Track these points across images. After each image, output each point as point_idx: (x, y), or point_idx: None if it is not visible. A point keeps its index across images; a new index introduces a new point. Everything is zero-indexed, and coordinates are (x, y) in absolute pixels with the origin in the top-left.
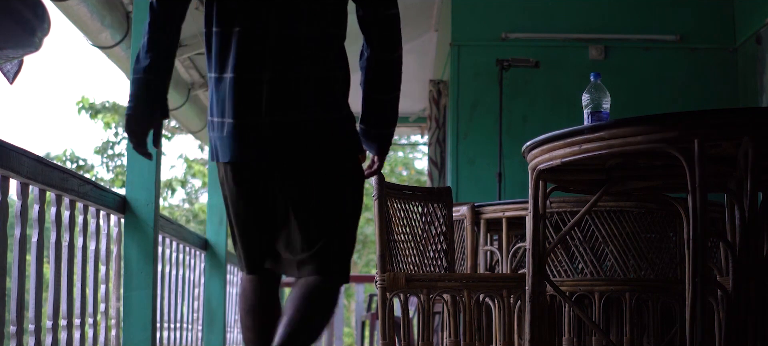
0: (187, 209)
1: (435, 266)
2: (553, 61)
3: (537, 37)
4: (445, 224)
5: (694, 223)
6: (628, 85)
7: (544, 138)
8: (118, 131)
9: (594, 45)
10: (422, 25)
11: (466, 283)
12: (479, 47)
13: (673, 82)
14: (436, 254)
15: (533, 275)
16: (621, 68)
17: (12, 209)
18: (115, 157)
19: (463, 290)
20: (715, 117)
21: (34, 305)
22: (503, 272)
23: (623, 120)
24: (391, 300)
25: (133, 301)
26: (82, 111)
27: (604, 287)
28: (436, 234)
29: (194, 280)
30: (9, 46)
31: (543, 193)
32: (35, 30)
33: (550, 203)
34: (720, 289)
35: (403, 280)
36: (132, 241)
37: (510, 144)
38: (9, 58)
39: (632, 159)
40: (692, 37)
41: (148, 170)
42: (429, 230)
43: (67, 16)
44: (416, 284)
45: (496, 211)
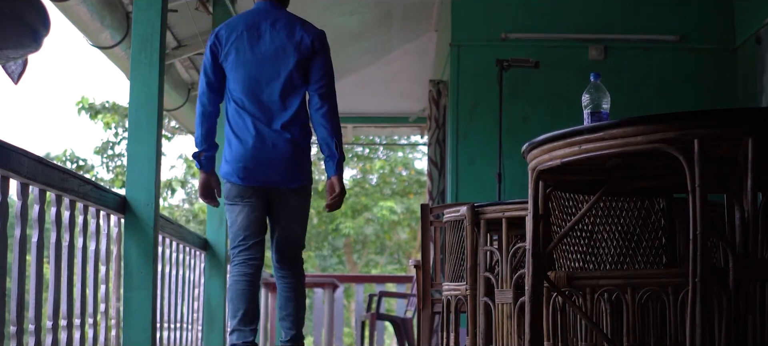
0: (187, 209)
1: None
2: (553, 62)
3: (537, 37)
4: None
5: (694, 223)
6: (628, 85)
7: (544, 138)
8: (118, 131)
9: (594, 45)
10: (422, 25)
11: (630, 280)
12: (479, 47)
13: (673, 82)
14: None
15: (533, 275)
16: (621, 68)
17: (12, 209)
18: (115, 157)
19: (626, 289)
20: (715, 117)
21: (34, 305)
22: (503, 272)
23: (623, 120)
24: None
25: (133, 301)
26: (82, 111)
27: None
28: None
29: (194, 280)
30: (9, 47)
31: (543, 193)
32: (35, 30)
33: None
34: (720, 289)
35: (565, 279)
36: (132, 241)
37: (510, 144)
38: (9, 58)
39: (632, 159)
40: (692, 37)
41: (148, 171)
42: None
43: (67, 16)
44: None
45: (496, 211)
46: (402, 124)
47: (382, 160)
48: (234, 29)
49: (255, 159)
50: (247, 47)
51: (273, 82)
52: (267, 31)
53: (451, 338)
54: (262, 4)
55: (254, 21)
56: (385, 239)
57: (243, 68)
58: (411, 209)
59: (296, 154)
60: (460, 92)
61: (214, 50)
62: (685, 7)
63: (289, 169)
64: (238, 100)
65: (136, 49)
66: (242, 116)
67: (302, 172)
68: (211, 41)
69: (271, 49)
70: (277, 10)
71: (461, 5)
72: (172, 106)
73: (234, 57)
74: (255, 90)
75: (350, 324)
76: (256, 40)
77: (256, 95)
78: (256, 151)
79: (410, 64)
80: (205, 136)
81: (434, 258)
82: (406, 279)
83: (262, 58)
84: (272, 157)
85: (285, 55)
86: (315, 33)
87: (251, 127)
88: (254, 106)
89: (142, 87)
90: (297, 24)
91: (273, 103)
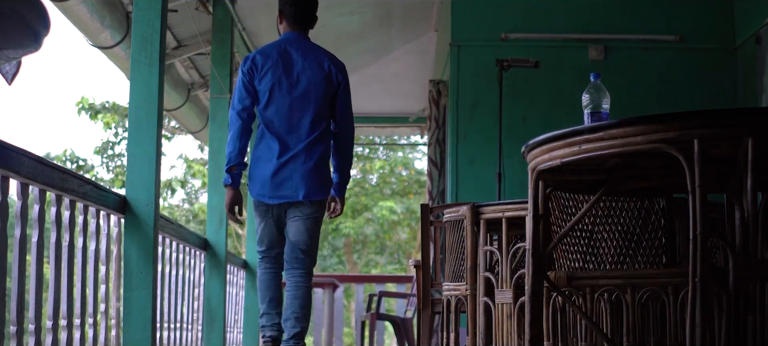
0: (187, 209)
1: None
2: (553, 62)
3: (537, 37)
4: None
5: (694, 223)
6: (628, 85)
7: (544, 138)
8: (118, 131)
9: (594, 45)
10: (422, 25)
11: (630, 280)
12: (479, 47)
13: (673, 82)
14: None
15: (533, 275)
16: (621, 68)
17: (12, 209)
18: (115, 157)
19: (626, 289)
20: (715, 117)
21: (34, 305)
22: (503, 272)
23: (623, 120)
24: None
25: (133, 301)
26: (82, 111)
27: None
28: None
29: (194, 280)
30: (9, 47)
31: (543, 193)
32: (36, 30)
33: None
34: (720, 289)
35: (565, 279)
36: (132, 241)
37: (510, 144)
38: (9, 58)
39: (632, 159)
40: (692, 37)
41: (148, 170)
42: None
43: (67, 16)
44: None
45: (496, 211)
46: (402, 124)
47: (382, 160)
48: (269, 57)
49: (281, 179)
50: (282, 76)
51: (304, 112)
52: (299, 61)
53: (451, 338)
54: (291, 35)
55: (286, 51)
56: (385, 239)
57: (277, 96)
58: (411, 209)
59: (316, 173)
60: (460, 92)
61: (250, 73)
62: (685, 7)
63: (309, 185)
64: (268, 124)
65: (136, 49)
66: (272, 139)
67: (320, 187)
68: (247, 66)
69: (304, 81)
70: (305, 40)
71: (461, 5)
72: (172, 106)
73: (268, 84)
74: (288, 117)
75: (350, 324)
76: (290, 70)
77: (288, 122)
78: (283, 172)
79: (410, 64)
80: (241, 151)
81: (434, 258)
82: (406, 279)
83: (295, 88)
84: (294, 175)
85: (316, 88)
86: (339, 65)
87: (280, 150)
88: (284, 131)
89: (142, 87)
90: (324, 56)
91: (302, 128)
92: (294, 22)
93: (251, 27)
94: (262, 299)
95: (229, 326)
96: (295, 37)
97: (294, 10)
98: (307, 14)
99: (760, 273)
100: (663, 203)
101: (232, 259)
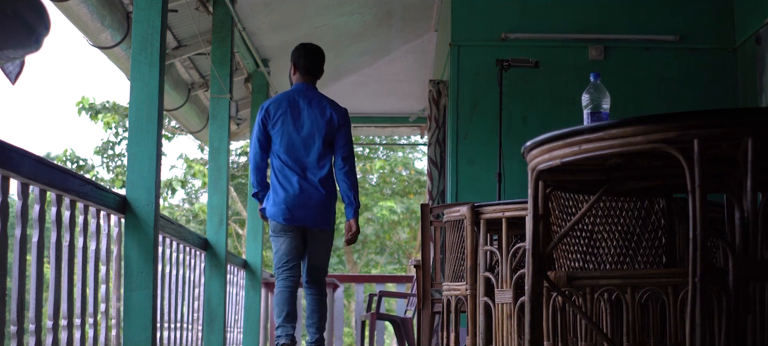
0: (187, 209)
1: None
2: (553, 62)
3: (537, 37)
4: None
5: (694, 223)
6: (627, 85)
7: (544, 138)
8: (118, 131)
9: (594, 45)
10: (422, 25)
11: (630, 280)
12: (479, 47)
13: (672, 82)
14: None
15: (533, 275)
16: (621, 68)
17: (12, 209)
18: (115, 157)
19: (626, 289)
20: (715, 117)
21: (34, 305)
22: (503, 272)
23: (623, 120)
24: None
25: (133, 301)
26: (82, 111)
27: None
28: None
29: (194, 280)
30: (9, 47)
31: (543, 193)
32: (36, 30)
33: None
34: (720, 289)
35: (565, 279)
36: (132, 241)
37: (510, 144)
38: (10, 58)
39: (632, 159)
40: (692, 37)
41: (148, 170)
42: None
43: (67, 16)
44: (579, 282)
45: (496, 211)
46: (402, 124)
47: (382, 160)
48: (280, 106)
49: (295, 205)
50: (290, 121)
51: (310, 149)
52: (305, 108)
53: (451, 338)
54: (301, 86)
55: (295, 99)
56: (385, 239)
57: (287, 137)
58: (411, 209)
59: (326, 203)
60: (460, 92)
61: (264, 121)
62: (685, 7)
63: (320, 214)
64: (283, 160)
65: (136, 49)
66: (286, 172)
67: (329, 217)
68: (261, 115)
69: (309, 125)
70: (312, 90)
71: (461, 5)
72: (172, 106)
73: (280, 127)
74: (297, 154)
75: (350, 324)
76: (297, 115)
77: (297, 158)
78: (296, 199)
79: (410, 64)
80: (260, 181)
81: (434, 258)
82: (406, 279)
83: (301, 130)
84: (308, 203)
85: (319, 130)
86: (340, 111)
87: (294, 181)
88: (296, 165)
89: (142, 87)
90: (326, 104)
91: (310, 163)
92: (305, 73)
93: (251, 27)
94: (278, 314)
95: (229, 326)
96: (304, 88)
97: (306, 63)
98: (316, 67)
99: (760, 273)
100: (663, 203)
101: (232, 259)
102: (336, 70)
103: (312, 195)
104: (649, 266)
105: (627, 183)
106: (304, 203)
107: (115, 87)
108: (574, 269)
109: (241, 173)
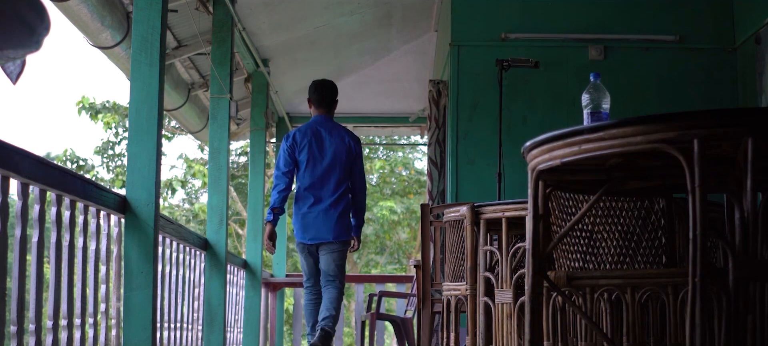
0: (187, 209)
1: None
2: (553, 62)
3: (537, 37)
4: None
5: (694, 223)
6: (627, 85)
7: (544, 138)
8: (118, 131)
9: (594, 45)
10: (422, 25)
11: (630, 280)
12: (479, 47)
13: (672, 82)
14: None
15: (533, 275)
16: (621, 68)
17: (12, 209)
18: (115, 157)
19: (626, 289)
20: (715, 117)
21: (34, 305)
22: (503, 272)
23: (623, 120)
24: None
25: (133, 301)
26: (82, 111)
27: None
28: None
29: (194, 280)
30: (9, 47)
31: (542, 193)
32: (36, 30)
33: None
34: (720, 289)
35: (564, 279)
36: (132, 241)
37: (510, 144)
38: (9, 58)
39: (632, 159)
40: (692, 38)
41: (148, 170)
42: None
43: (67, 16)
44: (579, 282)
45: (496, 211)
46: (402, 124)
47: (382, 160)
48: (305, 135)
49: (315, 225)
50: (315, 149)
51: (331, 176)
52: (327, 138)
53: (451, 338)
54: (321, 118)
55: (317, 129)
56: (385, 239)
57: (311, 164)
58: (411, 209)
59: (341, 221)
60: (460, 92)
61: (292, 147)
62: (685, 8)
63: (336, 230)
64: (306, 185)
65: (136, 49)
66: (308, 196)
67: (341, 232)
68: (288, 142)
69: (331, 153)
70: (330, 121)
71: (461, 5)
72: (172, 106)
73: (305, 155)
74: (320, 179)
75: (350, 324)
76: (321, 144)
77: (320, 183)
78: (316, 220)
79: (410, 64)
80: (283, 200)
81: (434, 258)
82: (406, 279)
83: (325, 157)
84: (326, 222)
85: (339, 156)
86: (356, 139)
87: (315, 204)
88: (317, 190)
89: (142, 87)
90: (344, 132)
91: (329, 188)
92: (319, 105)
93: (251, 27)
94: (307, 323)
95: (229, 326)
96: (323, 120)
97: (319, 97)
98: (328, 99)
99: (760, 273)
100: (663, 203)
101: (232, 259)
102: (336, 70)
103: (330, 215)
104: (649, 266)
105: (627, 183)
106: (322, 222)
107: (115, 87)
108: (574, 269)
109: (241, 173)
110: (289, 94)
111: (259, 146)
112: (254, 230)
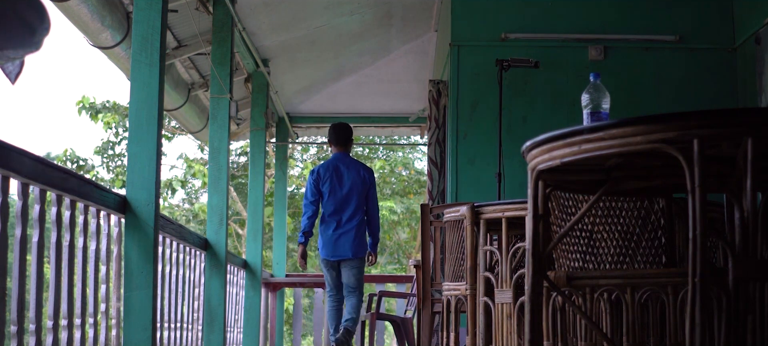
0: (187, 209)
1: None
2: (553, 62)
3: (537, 37)
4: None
5: (693, 223)
6: (627, 85)
7: (544, 138)
8: (118, 131)
9: (594, 45)
10: (422, 25)
11: (630, 280)
12: (479, 47)
13: (672, 82)
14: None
15: (533, 275)
16: (620, 68)
17: (13, 209)
18: (115, 157)
19: (626, 289)
20: (715, 117)
21: (34, 305)
22: (503, 272)
23: (623, 120)
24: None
25: (133, 301)
26: (82, 111)
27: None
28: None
29: (194, 280)
30: (9, 47)
31: (543, 193)
32: (36, 30)
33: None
34: (720, 289)
35: (564, 279)
36: (132, 241)
37: (510, 144)
38: (9, 58)
39: (632, 159)
40: (692, 38)
41: (148, 170)
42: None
43: (67, 16)
44: (579, 282)
45: (496, 211)
46: (402, 124)
47: (382, 160)
48: (327, 170)
49: (336, 245)
50: (335, 182)
51: (350, 203)
52: (345, 172)
53: (451, 338)
54: (339, 154)
55: (337, 165)
56: (385, 239)
57: (333, 195)
58: (411, 209)
59: (358, 240)
60: (460, 92)
61: (317, 181)
62: (685, 7)
63: (353, 248)
64: (330, 211)
65: (136, 49)
66: (330, 221)
67: (358, 250)
68: (313, 176)
69: (349, 185)
70: (348, 157)
71: (461, 5)
72: (172, 106)
73: (328, 187)
74: (340, 207)
75: None
76: (340, 177)
77: (340, 210)
78: (339, 241)
79: (410, 64)
80: (311, 226)
81: (434, 258)
82: (406, 279)
83: (344, 188)
84: (346, 242)
85: (356, 187)
86: (369, 170)
87: (337, 228)
88: (338, 215)
89: (142, 87)
90: (359, 166)
91: (348, 213)
92: (337, 144)
93: (251, 27)
94: (330, 325)
95: (229, 326)
96: (342, 156)
97: (336, 137)
98: (343, 139)
99: (760, 273)
100: (663, 203)
101: (232, 259)
102: (336, 70)
103: (349, 236)
104: (648, 265)
105: (627, 183)
106: (342, 242)
107: (115, 87)
108: (574, 269)
109: (241, 173)
110: (289, 94)
111: (259, 146)
112: (254, 230)
